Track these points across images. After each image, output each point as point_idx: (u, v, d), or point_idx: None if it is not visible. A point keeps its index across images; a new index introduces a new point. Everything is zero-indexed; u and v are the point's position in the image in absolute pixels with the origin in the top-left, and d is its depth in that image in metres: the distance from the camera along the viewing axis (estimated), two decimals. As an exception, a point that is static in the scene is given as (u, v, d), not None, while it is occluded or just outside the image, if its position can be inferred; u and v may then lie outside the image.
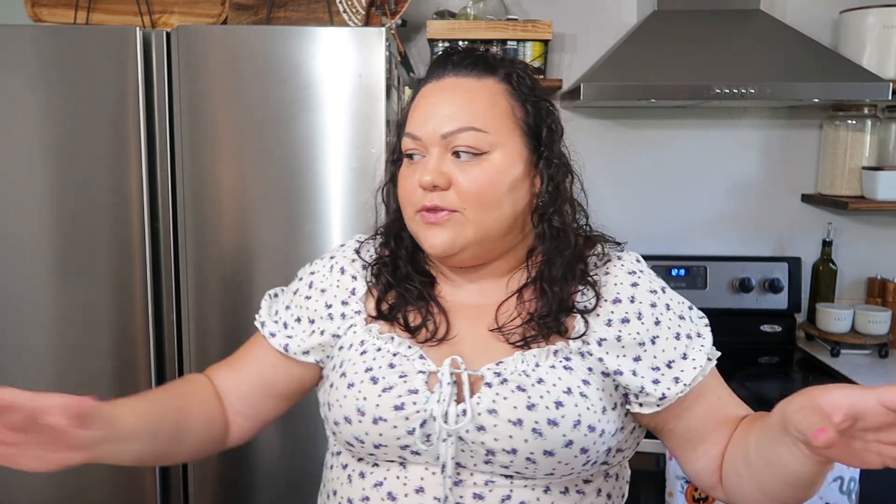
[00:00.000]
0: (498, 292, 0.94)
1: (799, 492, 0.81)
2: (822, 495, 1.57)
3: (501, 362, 0.88)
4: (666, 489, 1.59)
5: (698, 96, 1.84)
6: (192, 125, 1.59)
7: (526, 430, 0.83)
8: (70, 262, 1.62)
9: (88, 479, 1.68)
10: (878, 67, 1.99)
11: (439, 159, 0.89)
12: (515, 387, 0.85)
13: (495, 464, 0.85)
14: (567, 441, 0.84)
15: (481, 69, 0.92)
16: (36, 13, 1.90)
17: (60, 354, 1.65)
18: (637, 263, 0.98)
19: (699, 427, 0.92)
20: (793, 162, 2.26)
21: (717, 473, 0.91)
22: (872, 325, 2.07)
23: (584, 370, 0.88)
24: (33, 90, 1.58)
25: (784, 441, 0.76)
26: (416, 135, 0.90)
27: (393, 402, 0.86)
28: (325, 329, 0.97)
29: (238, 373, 1.03)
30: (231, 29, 1.71)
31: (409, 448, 0.87)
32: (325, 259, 1.03)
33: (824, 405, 0.67)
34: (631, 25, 2.15)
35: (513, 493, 0.87)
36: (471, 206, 0.88)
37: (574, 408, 0.84)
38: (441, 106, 0.90)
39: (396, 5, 1.92)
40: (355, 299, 0.97)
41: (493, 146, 0.89)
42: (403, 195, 0.93)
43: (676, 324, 0.92)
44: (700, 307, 1.02)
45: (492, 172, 0.89)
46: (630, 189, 2.27)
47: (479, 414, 0.84)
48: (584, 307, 0.91)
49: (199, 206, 1.61)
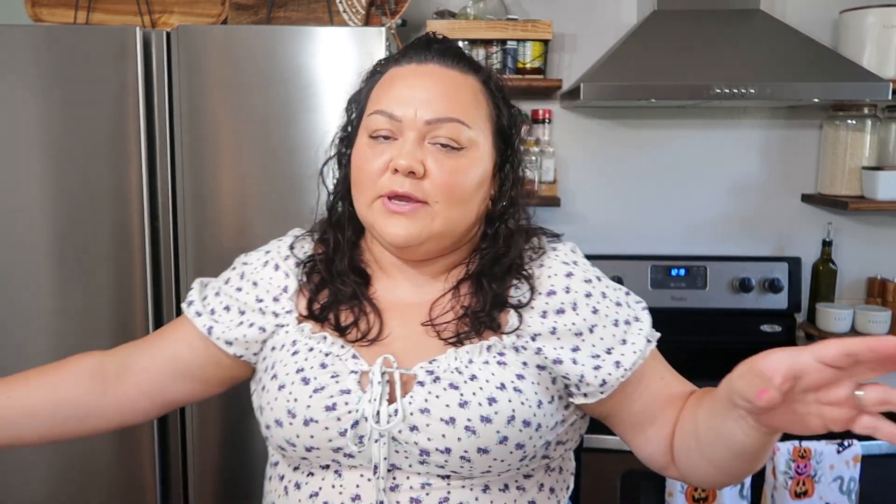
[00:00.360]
0: (434, 289, 0.93)
1: (747, 464, 0.82)
2: (822, 495, 1.57)
3: (434, 360, 0.87)
4: (666, 489, 1.59)
5: (698, 96, 1.84)
6: (192, 125, 1.59)
7: (459, 429, 0.82)
8: (70, 262, 1.62)
9: (89, 480, 1.68)
10: (878, 67, 1.99)
11: (416, 145, 0.85)
12: (448, 384, 0.84)
13: (430, 464, 0.84)
14: (501, 437, 0.83)
15: (466, 65, 0.91)
16: (36, 13, 1.89)
17: (60, 354, 1.62)
18: (572, 254, 0.96)
19: (645, 410, 0.92)
20: (793, 162, 2.26)
21: (669, 453, 0.91)
22: (872, 325, 2.07)
23: (518, 364, 0.87)
24: (33, 90, 1.58)
25: (731, 415, 0.77)
26: (394, 114, 0.86)
27: (324, 402, 0.84)
28: (254, 322, 0.94)
29: (151, 346, 1.00)
30: (231, 29, 1.71)
31: (341, 451, 0.85)
32: (261, 252, 1.00)
33: (764, 369, 0.68)
34: (631, 25, 2.15)
35: (451, 494, 0.85)
36: (442, 199, 0.85)
37: (508, 403, 0.84)
38: (424, 90, 0.87)
39: (396, 5, 1.92)
40: (286, 297, 0.94)
41: (470, 142, 0.87)
42: (364, 178, 0.87)
43: (614, 311, 0.92)
44: (700, 307, 1.01)
45: (467, 168, 0.87)
46: (630, 189, 2.27)
47: (412, 413, 0.83)
48: (518, 301, 0.90)
49: (199, 206, 1.61)
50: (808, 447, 1.56)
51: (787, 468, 1.56)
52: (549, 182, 2.16)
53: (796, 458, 1.56)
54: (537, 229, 0.97)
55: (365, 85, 0.94)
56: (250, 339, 0.94)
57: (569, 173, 2.26)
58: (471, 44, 2.06)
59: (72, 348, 1.65)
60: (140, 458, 1.68)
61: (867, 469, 1.58)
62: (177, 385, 0.99)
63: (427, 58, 0.90)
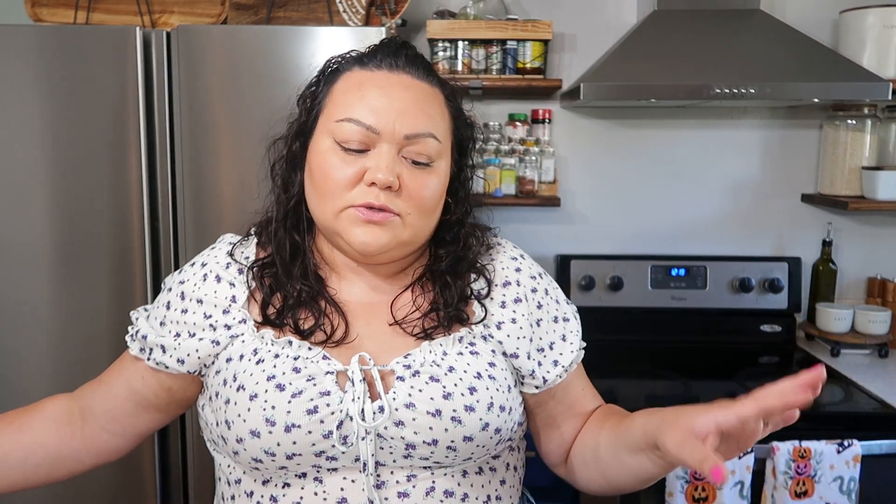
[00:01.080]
0: (390, 288, 0.94)
1: (646, 484, 0.92)
2: (822, 495, 1.57)
3: (409, 354, 0.87)
4: (666, 489, 1.59)
5: (698, 96, 1.84)
6: (192, 125, 1.59)
7: (445, 420, 0.83)
8: (70, 262, 1.62)
9: (89, 480, 1.68)
10: (877, 67, 1.99)
11: (393, 159, 0.85)
12: (429, 378, 0.85)
13: (415, 457, 0.85)
14: (484, 424, 0.85)
15: (433, 76, 0.91)
16: (36, 13, 1.89)
17: (60, 354, 1.65)
18: (515, 250, 1.01)
19: (559, 414, 0.99)
20: (793, 162, 2.26)
21: (565, 456, 1.01)
22: (872, 324, 2.07)
23: (488, 353, 0.90)
24: (33, 90, 1.58)
25: (647, 454, 0.85)
26: (372, 126, 0.84)
27: (305, 406, 0.82)
28: (204, 338, 0.90)
29: (106, 386, 0.98)
30: (231, 29, 1.71)
31: (324, 454, 0.83)
32: (196, 267, 0.96)
33: (698, 430, 0.75)
34: (631, 25, 2.15)
35: (435, 483, 0.86)
36: (414, 212, 0.86)
37: (486, 391, 0.87)
38: (400, 101, 0.86)
39: (396, 5, 1.92)
40: (237, 307, 0.91)
41: (438, 155, 0.88)
42: (331, 187, 0.85)
43: (555, 307, 0.98)
44: (700, 307, 1.05)
45: (435, 181, 0.88)
46: (630, 189, 2.27)
47: (397, 409, 0.83)
48: (479, 293, 0.93)
49: (199, 206, 1.61)
50: (808, 447, 1.56)
51: (787, 468, 1.56)
52: (549, 182, 2.16)
53: (796, 458, 1.56)
54: (478, 224, 1.00)
55: (322, 81, 0.92)
56: (203, 354, 0.90)
57: (569, 173, 2.26)
58: (471, 44, 2.06)
59: (72, 348, 1.65)
60: (140, 458, 1.68)
61: (867, 469, 1.58)
62: (142, 417, 0.98)
63: (398, 65, 0.88)
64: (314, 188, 0.88)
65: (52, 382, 1.64)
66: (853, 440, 1.58)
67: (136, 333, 0.96)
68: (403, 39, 0.93)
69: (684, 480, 1.58)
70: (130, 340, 0.96)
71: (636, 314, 2.16)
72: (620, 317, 2.15)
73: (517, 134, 2.18)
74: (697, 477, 1.58)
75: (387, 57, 0.89)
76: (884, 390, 1.78)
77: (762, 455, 1.58)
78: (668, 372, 1.92)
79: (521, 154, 2.14)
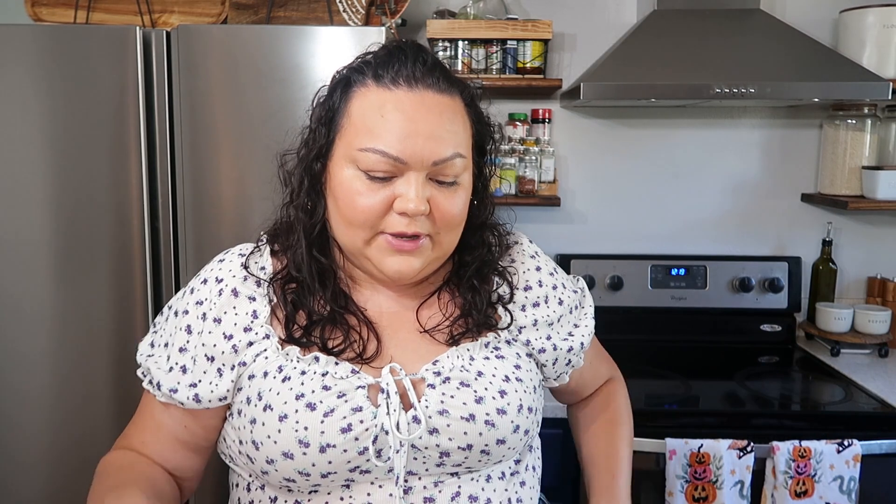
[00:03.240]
0: (414, 295, 0.93)
1: None
2: (822, 495, 1.57)
3: (437, 361, 0.87)
4: (666, 489, 1.59)
5: (698, 96, 1.84)
6: (192, 125, 1.59)
7: (479, 424, 0.84)
8: (70, 262, 1.62)
9: (87, 478, 1.68)
10: (877, 67, 1.99)
11: (422, 185, 0.82)
12: (459, 383, 0.85)
13: (447, 464, 0.84)
14: (515, 427, 0.86)
15: (452, 83, 0.87)
16: (36, 13, 1.89)
17: (60, 354, 1.64)
18: (531, 245, 1.02)
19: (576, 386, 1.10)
20: (793, 161, 2.26)
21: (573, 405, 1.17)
22: (872, 324, 2.07)
23: (513, 356, 0.92)
24: (33, 90, 1.58)
25: None
26: (399, 158, 0.80)
27: (338, 425, 0.81)
28: (233, 363, 0.87)
29: (157, 444, 0.94)
30: (231, 28, 1.71)
31: (358, 469, 0.82)
32: (209, 283, 0.91)
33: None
34: (631, 25, 2.14)
35: (461, 487, 0.86)
36: (444, 230, 0.85)
37: (515, 393, 0.88)
38: (425, 124, 0.81)
39: (396, 5, 1.92)
40: (259, 323, 0.87)
41: (463, 169, 0.87)
42: (360, 216, 0.82)
43: (571, 299, 1.02)
44: (700, 307, 1.08)
45: (464, 196, 0.87)
46: (630, 189, 2.27)
47: (430, 417, 0.83)
48: (503, 297, 0.94)
49: (199, 206, 1.61)
50: (808, 447, 1.56)
51: (787, 468, 1.56)
52: (549, 182, 2.16)
53: (796, 457, 1.56)
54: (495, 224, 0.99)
55: (338, 97, 0.87)
56: (235, 381, 0.87)
57: (569, 173, 2.26)
58: (471, 43, 2.06)
59: (72, 348, 1.65)
60: (140, 457, 1.68)
61: (867, 469, 1.58)
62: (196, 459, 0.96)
63: (416, 78, 0.83)
64: (340, 216, 0.85)
65: (51, 381, 1.64)
66: (853, 440, 1.58)
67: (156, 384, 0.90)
68: (417, 44, 0.87)
69: (684, 480, 1.58)
70: (156, 389, 0.90)
71: (636, 314, 2.16)
72: (620, 316, 2.15)
73: (517, 134, 2.18)
74: (697, 476, 1.58)
75: (403, 69, 0.83)
76: (884, 390, 1.78)
77: (762, 455, 1.58)
78: (668, 371, 1.92)
79: (521, 154, 2.14)
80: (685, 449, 1.57)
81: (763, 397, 1.77)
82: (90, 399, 1.64)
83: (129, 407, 1.68)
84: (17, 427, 1.65)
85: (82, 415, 1.65)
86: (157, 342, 0.94)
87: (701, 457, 1.57)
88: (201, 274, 0.94)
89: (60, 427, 1.65)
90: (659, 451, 1.60)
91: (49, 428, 1.65)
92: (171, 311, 0.93)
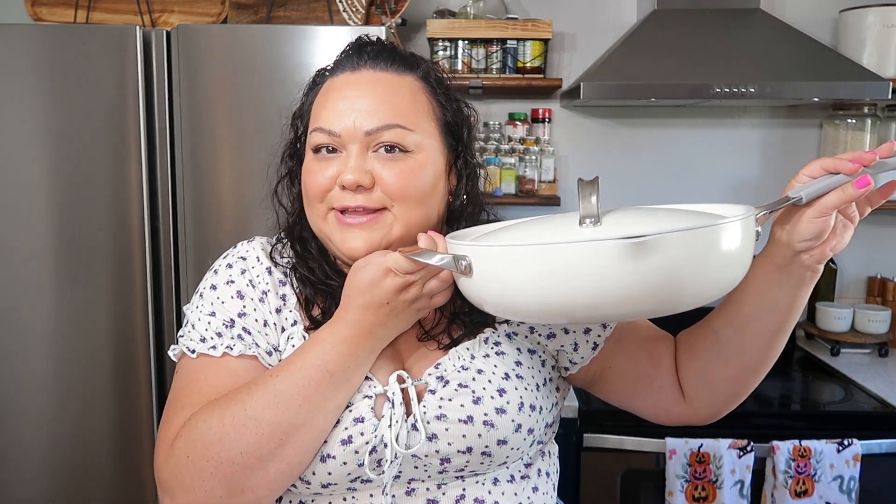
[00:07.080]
0: None
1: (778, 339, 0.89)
2: (822, 494, 1.57)
3: (439, 364, 0.86)
4: (666, 489, 1.59)
5: (698, 95, 1.84)
6: (192, 124, 1.59)
7: (478, 425, 0.82)
8: (70, 262, 1.62)
9: (89, 480, 1.68)
10: (877, 66, 1.99)
11: (361, 157, 0.83)
12: (458, 385, 0.84)
13: (450, 471, 0.83)
14: (517, 426, 0.84)
15: (400, 64, 0.88)
16: (36, 13, 1.89)
17: (60, 354, 1.64)
18: None
19: (641, 349, 0.96)
20: (793, 161, 2.26)
21: (679, 391, 0.96)
22: (872, 324, 2.07)
23: (514, 352, 0.89)
24: (33, 90, 1.58)
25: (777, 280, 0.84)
26: (332, 130, 0.84)
27: (339, 436, 0.80)
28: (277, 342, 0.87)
29: None
30: (231, 28, 1.71)
31: (359, 479, 0.82)
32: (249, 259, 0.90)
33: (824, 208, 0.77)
34: (631, 25, 2.15)
35: (466, 490, 0.85)
36: (399, 202, 0.84)
37: (515, 391, 0.86)
38: (359, 100, 0.84)
39: (396, 4, 1.92)
40: (288, 308, 0.88)
41: (416, 146, 0.85)
42: (312, 192, 0.86)
43: None
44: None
45: (416, 169, 0.85)
46: (630, 188, 2.27)
47: (428, 423, 0.82)
48: None
49: (199, 205, 1.61)
50: (808, 446, 1.56)
51: (787, 467, 1.56)
52: (548, 181, 2.16)
53: (796, 457, 1.56)
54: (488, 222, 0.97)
55: (306, 98, 0.92)
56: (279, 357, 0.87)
57: (569, 173, 2.26)
58: (471, 43, 2.06)
59: (72, 348, 1.65)
60: (140, 458, 1.68)
61: (867, 468, 1.58)
62: None
63: (359, 64, 0.88)
64: (305, 199, 0.88)
65: (52, 382, 1.64)
66: (853, 439, 1.58)
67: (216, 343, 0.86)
68: (378, 37, 0.91)
69: (684, 480, 1.58)
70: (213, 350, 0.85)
71: (636, 313, 2.15)
72: (620, 316, 2.14)
73: (517, 133, 2.18)
74: (697, 476, 1.58)
75: (350, 59, 0.89)
76: (883, 390, 1.78)
77: (762, 454, 1.58)
78: (668, 371, 1.92)
79: (521, 153, 2.14)
80: (685, 448, 1.57)
81: (763, 397, 1.77)
82: (90, 399, 1.64)
83: (130, 407, 1.69)
84: (17, 427, 1.65)
85: (83, 416, 1.65)
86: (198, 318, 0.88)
87: (701, 456, 1.57)
88: (231, 252, 0.93)
89: (61, 428, 1.65)
90: (659, 451, 1.60)
91: (49, 428, 1.65)
92: (208, 283, 0.90)
